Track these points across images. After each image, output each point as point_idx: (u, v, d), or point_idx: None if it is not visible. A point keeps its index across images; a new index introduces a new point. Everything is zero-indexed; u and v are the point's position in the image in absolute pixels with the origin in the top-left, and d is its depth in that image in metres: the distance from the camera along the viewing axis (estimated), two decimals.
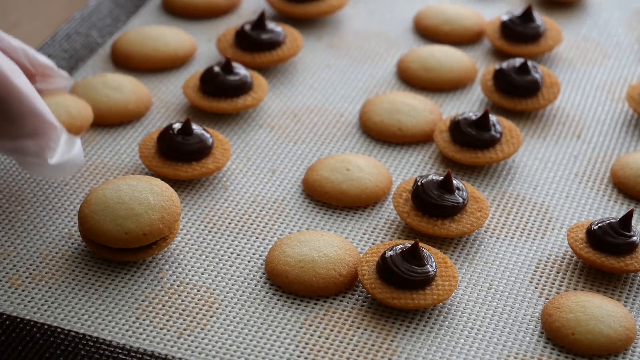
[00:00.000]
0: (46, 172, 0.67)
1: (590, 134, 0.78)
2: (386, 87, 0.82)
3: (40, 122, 0.65)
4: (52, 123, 0.66)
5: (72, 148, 0.67)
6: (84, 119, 0.72)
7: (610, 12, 0.92)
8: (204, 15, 0.89)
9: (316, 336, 0.62)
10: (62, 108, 0.72)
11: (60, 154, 0.66)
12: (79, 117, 0.72)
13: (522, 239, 0.69)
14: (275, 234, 0.69)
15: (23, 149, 0.65)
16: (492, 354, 0.62)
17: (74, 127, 0.71)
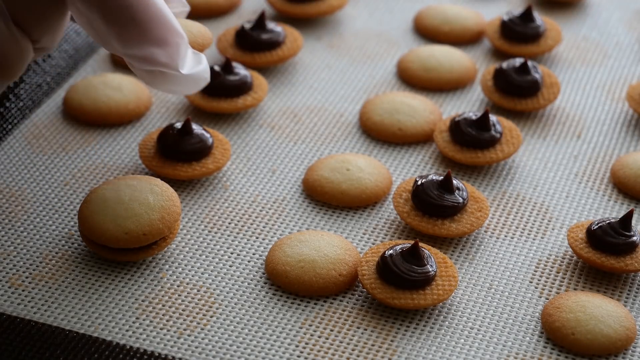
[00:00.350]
0: (175, 85, 0.64)
1: (590, 134, 0.78)
2: (386, 87, 0.82)
3: (169, 29, 0.63)
4: (179, 32, 0.64)
5: (200, 62, 0.65)
6: (204, 38, 0.69)
7: (610, 12, 0.92)
8: (204, 15, 0.89)
9: (316, 336, 0.62)
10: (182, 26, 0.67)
11: (189, 66, 0.65)
12: (200, 35, 0.69)
13: (522, 239, 0.69)
14: (275, 234, 0.69)
15: (153, 57, 0.63)
16: (492, 354, 0.62)
17: (197, 44, 0.67)
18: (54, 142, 0.75)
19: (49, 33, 0.63)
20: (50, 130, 0.76)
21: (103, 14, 0.62)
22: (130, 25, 0.62)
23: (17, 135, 0.75)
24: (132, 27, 0.62)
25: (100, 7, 0.62)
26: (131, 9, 0.62)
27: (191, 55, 0.65)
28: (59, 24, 0.64)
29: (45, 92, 0.79)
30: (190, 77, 0.64)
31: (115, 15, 0.62)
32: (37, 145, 0.75)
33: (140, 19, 0.62)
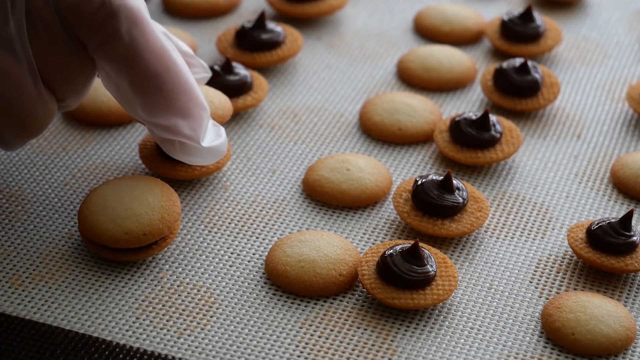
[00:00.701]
0: (193, 156, 0.66)
1: (590, 134, 0.78)
2: (386, 87, 0.82)
3: (194, 102, 0.64)
4: (204, 104, 0.65)
5: (219, 135, 0.66)
6: (225, 109, 0.70)
7: (610, 12, 0.92)
8: (204, 15, 0.89)
9: (316, 336, 0.62)
10: (204, 95, 0.69)
11: (209, 139, 0.66)
12: (220, 107, 0.70)
13: (522, 239, 0.69)
14: (275, 234, 0.69)
15: (177, 128, 0.64)
16: (492, 354, 0.62)
17: (217, 116, 0.69)
18: (54, 142, 0.75)
19: (75, 94, 0.64)
20: (50, 130, 0.76)
21: (131, 81, 0.62)
22: (157, 95, 0.63)
23: None
24: (159, 97, 0.63)
25: (129, 74, 0.62)
26: (159, 78, 0.63)
27: (211, 128, 0.66)
28: (85, 86, 0.64)
29: None
30: (209, 150, 0.66)
31: (143, 84, 0.63)
32: (37, 145, 0.75)
33: (168, 89, 0.63)
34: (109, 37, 0.61)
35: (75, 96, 0.64)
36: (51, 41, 0.61)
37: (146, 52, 0.62)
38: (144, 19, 0.62)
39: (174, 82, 0.63)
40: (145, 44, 0.62)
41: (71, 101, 0.65)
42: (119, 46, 0.62)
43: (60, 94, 0.63)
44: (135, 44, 0.62)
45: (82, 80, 0.64)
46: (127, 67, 0.62)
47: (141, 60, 0.62)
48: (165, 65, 0.63)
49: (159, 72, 0.63)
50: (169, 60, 0.63)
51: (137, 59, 0.62)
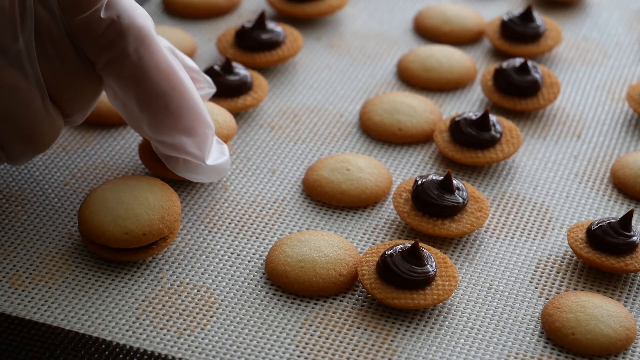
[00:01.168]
0: (197, 174, 0.67)
1: (590, 134, 0.78)
2: (386, 87, 0.82)
3: (199, 119, 0.65)
4: (208, 122, 0.66)
5: (223, 153, 0.67)
6: (230, 128, 0.71)
7: (610, 12, 0.92)
8: (204, 15, 0.89)
9: (316, 336, 0.62)
10: (209, 112, 0.70)
11: (213, 157, 0.67)
12: (225, 126, 0.71)
13: (522, 239, 0.69)
14: (275, 234, 0.69)
15: (182, 145, 0.65)
16: (492, 354, 0.62)
17: (221, 135, 0.70)
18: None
19: (82, 110, 0.65)
20: None
21: (138, 99, 0.63)
22: (163, 113, 0.64)
23: None
24: (165, 115, 0.64)
25: (136, 93, 0.63)
26: (166, 97, 0.64)
27: (216, 146, 0.67)
28: (92, 102, 0.65)
29: None
30: (213, 169, 0.67)
31: (150, 102, 0.64)
32: None
33: (174, 107, 0.64)
34: (117, 56, 0.62)
35: (81, 112, 0.65)
36: (59, 58, 0.62)
37: (153, 71, 0.63)
38: (152, 38, 0.63)
39: (180, 101, 0.64)
40: (153, 63, 0.63)
41: (77, 117, 0.65)
42: (127, 65, 0.62)
43: (67, 110, 0.64)
44: (142, 63, 0.63)
45: (89, 97, 0.64)
46: (135, 86, 0.63)
47: (148, 79, 0.63)
48: (172, 84, 0.64)
49: (166, 91, 0.64)
50: (175, 79, 0.64)
51: (144, 78, 0.63)
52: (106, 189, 0.66)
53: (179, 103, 0.64)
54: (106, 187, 0.66)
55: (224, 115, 0.71)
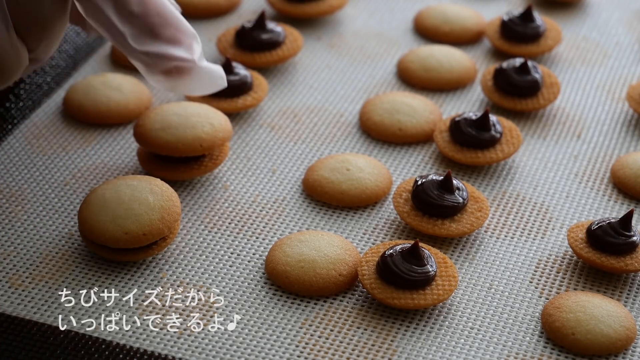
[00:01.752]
0: (193, 81, 0.65)
1: (590, 134, 0.78)
2: (386, 87, 0.82)
3: (180, 29, 0.65)
4: (192, 32, 0.65)
5: (215, 65, 0.67)
6: (225, 130, 0.70)
7: (610, 12, 0.92)
8: (204, 15, 0.89)
9: (316, 336, 0.62)
10: (204, 119, 0.71)
11: (205, 63, 0.66)
12: (220, 128, 0.71)
13: (522, 239, 0.69)
14: (275, 234, 0.69)
15: (169, 52, 0.64)
16: (492, 354, 0.62)
17: (217, 138, 0.70)
18: (54, 142, 0.75)
19: (46, 44, 0.64)
20: (50, 130, 0.76)
21: (117, 10, 0.63)
22: (144, 20, 0.64)
23: (17, 135, 0.75)
24: (146, 22, 0.64)
25: (115, 4, 0.63)
26: (144, 4, 0.63)
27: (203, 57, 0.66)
28: (56, 36, 0.65)
29: (45, 92, 0.79)
30: (208, 72, 0.65)
31: (129, 11, 0.63)
32: (37, 145, 0.75)
33: (153, 14, 0.64)
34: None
35: (45, 46, 0.64)
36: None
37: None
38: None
39: (159, 9, 0.64)
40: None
41: (40, 52, 0.65)
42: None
43: (31, 43, 0.64)
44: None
45: (53, 26, 0.64)
46: None
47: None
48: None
49: None
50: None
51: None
52: (106, 189, 0.66)
53: (158, 11, 0.64)
54: (106, 187, 0.66)
55: (219, 118, 0.71)
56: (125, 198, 0.65)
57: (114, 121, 0.77)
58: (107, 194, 0.66)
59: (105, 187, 0.66)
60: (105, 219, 0.64)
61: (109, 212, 0.65)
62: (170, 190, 0.67)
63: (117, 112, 0.76)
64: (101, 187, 0.66)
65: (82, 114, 0.77)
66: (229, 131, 0.71)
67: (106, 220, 0.64)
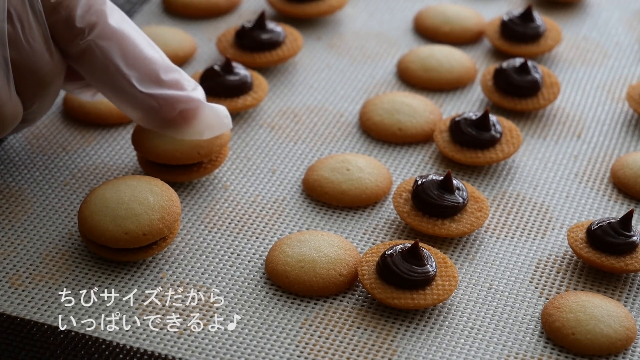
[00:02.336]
0: (199, 122, 0.67)
1: (590, 134, 0.78)
2: (386, 87, 0.82)
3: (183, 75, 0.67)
4: (193, 80, 0.68)
5: (217, 105, 0.69)
6: (223, 136, 0.70)
7: (610, 12, 0.92)
8: (204, 15, 0.89)
9: (316, 336, 0.62)
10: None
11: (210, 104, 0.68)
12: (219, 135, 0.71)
13: (522, 239, 0.69)
14: (275, 234, 0.69)
15: (175, 94, 0.67)
16: (492, 354, 0.62)
17: (215, 145, 0.70)
18: (54, 142, 0.75)
19: (41, 104, 0.67)
20: (50, 130, 0.76)
21: (123, 55, 0.66)
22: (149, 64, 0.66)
23: (17, 135, 0.75)
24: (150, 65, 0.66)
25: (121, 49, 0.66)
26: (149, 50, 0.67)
27: None
28: (51, 97, 0.67)
29: None
30: (214, 111, 0.68)
31: (135, 54, 0.66)
32: (37, 145, 0.75)
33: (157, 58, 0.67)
34: (98, 22, 0.65)
35: (40, 105, 0.67)
36: (28, 43, 0.63)
37: (132, 28, 0.67)
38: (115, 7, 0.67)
39: (161, 57, 0.67)
40: (128, 22, 0.67)
41: (34, 111, 0.67)
42: (108, 28, 0.65)
43: (28, 99, 0.66)
44: (123, 24, 0.66)
45: (50, 85, 0.66)
46: (118, 44, 0.65)
47: (128, 34, 0.66)
48: (148, 40, 0.67)
49: (146, 45, 0.67)
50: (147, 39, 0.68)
51: (126, 35, 0.66)
52: (106, 189, 0.66)
53: (160, 57, 0.67)
54: (106, 187, 0.66)
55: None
56: (125, 198, 0.65)
57: (114, 121, 0.77)
58: (107, 194, 0.66)
59: (105, 187, 0.66)
60: (105, 219, 0.64)
61: (109, 212, 0.65)
62: (170, 190, 0.67)
63: (117, 112, 0.76)
64: (101, 187, 0.66)
65: (82, 114, 0.77)
66: (227, 136, 0.71)
67: (106, 220, 0.64)
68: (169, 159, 0.69)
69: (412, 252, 0.64)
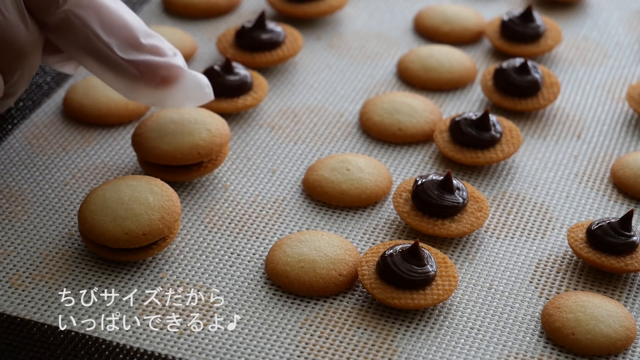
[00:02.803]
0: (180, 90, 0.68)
1: (590, 134, 0.78)
2: (386, 87, 0.82)
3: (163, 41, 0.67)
4: (173, 47, 0.68)
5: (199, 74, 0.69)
6: (223, 136, 0.71)
7: (610, 12, 0.92)
8: (204, 15, 0.89)
9: (316, 336, 0.62)
10: (201, 125, 0.71)
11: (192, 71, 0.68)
12: (218, 133, 0.71)
13: (522, 239, 0.69)
14: (275, 234, 0.69)
15: (155, 60, 0.67)
16: (492, 354, 0.62)
17: (215, 144, 0.70)
18: (54, 142, 0.75)
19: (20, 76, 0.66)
20: (50, 130, 0.76)
21: (102, 22, 0.65)
22: (128, 30, 0.66)
23: (17, 135, 0.75)
24: (130, 31, 0.66)
25: (99, 16, 0.65)
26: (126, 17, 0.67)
27: None
28: (30, 68, 0.67)
29: (45, 92, 0.79)
30: (195, 80, 0.67)
31: (112, 21, 0.66)
32: (37, 145, 0.75)
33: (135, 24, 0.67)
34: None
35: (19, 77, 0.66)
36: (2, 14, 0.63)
37: None
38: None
39: (139, 23, 0.67)
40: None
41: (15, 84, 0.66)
42: None
43: (7, 73, 0.65)
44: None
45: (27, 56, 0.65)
46: (97, 11, 0.66)
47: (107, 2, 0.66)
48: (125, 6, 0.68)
49: (123, 11, 0.67)
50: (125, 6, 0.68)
51: (104, 2, 0.66)
52: (106, 189, 0.66)
53: (139, 24, 0.67)
54: (106, 187, 0.66)
55: (217, 123, 0.71)
56: (125, 198, 0.65)
57: (114, 121, 0.77)
58: (107, 194, 0.66)
59: (105, 187, 0.66)
60: (105, 219, 0.64)
61: (109, 212, 0.65)
62: (170, 190, 0.67)
63: (117, 112, 0.76)
64: (101, 187, 0.66)
65: (82, 114, 0.77)
66: (227, 136, 0.71)
67: (106, 220, 0.64)
68: (169, 160, 0.69)
69: (412, 252, 0.64)
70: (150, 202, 0.65)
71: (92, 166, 0.73)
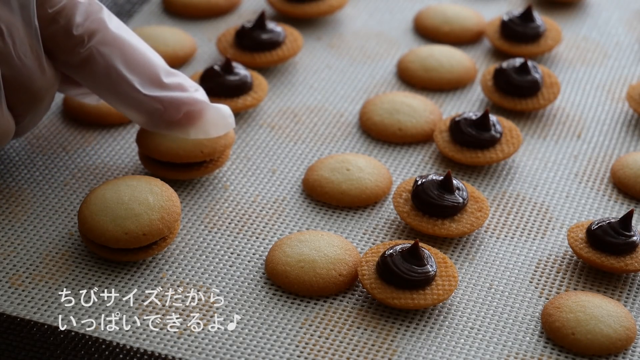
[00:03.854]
0: (204, 121, 0.68)
1: (590, 134, 0.78)
2: (386, 87, 0.82)
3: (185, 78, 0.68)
4: (195, 83, 0.69)
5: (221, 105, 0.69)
6: (227, 137, 0.70)
7: (610, 12, 0.92)
8: (204, 15, 0.89)
9: (316, 336, 0.62)
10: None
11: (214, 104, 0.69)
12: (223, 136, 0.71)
13: (522, 239, 0.69)
14: (275, 234, 0.69)
15: (179, 96, 0.67)
16: (492, 354, 0.62)
17: (219, 145, 0.70)
18: (54, 142, 0.75)
19: (32, 117, 0.67)
20: (50, 130, 0.76)
21: (124, 60, 0.66)
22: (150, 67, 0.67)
23: None
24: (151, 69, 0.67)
25: (123, 54, 0.66)
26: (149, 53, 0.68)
27: None
28: (43, 110, 0.67)
29: None
30: (218, 111, 0.69)
31: (136, 59, 0.66)
32: (37, 145, 0.75)
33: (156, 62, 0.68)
34: (98, 28, 0.66)
35: (31, 118, 0.67)
36: (20, 59, 0.63)
37: (131, 34, 0.67)
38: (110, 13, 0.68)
39: (161, 61, 0.68)
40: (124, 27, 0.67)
41: (26, 125, 0.67)
42: (109, 34, 0.66)
43: (19, 115, 0.66)
44: (120, 29, 0.67)
45: (42, 100, 0.66)
46: (120, 49, 0.66)
47: (129, 40, 0.67)
48: (147, 45, 0.68)
49: (146, 50, 0.67)
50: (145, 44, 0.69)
51: (126, 40, 0.66)
52: (106, 189, 0.66)
53: (161, 62, 0.68)
54: (106, 187, 0.66)
55: None
56: (125, 198, 0.65)
57: (114, 121, 0.77)
58: (107, 194, 0.66)
59: (105, 187, 0.66)
60: (105, 219, 0.64)
61: (109, 212, 0.65)
62: (170, 190, 0.67)
63: (117, 112, 0.76)
64: (101, 187, 0.66)
65: (82, 114, 0.77)
66: (231, 138, 0.71)
67: (106, 220, 0.64)
68: (172, 157, 0.69)
69: (412, 252, 0.64)
70: (150, 202, 0.65)
71: (92, 166, 0.73)
